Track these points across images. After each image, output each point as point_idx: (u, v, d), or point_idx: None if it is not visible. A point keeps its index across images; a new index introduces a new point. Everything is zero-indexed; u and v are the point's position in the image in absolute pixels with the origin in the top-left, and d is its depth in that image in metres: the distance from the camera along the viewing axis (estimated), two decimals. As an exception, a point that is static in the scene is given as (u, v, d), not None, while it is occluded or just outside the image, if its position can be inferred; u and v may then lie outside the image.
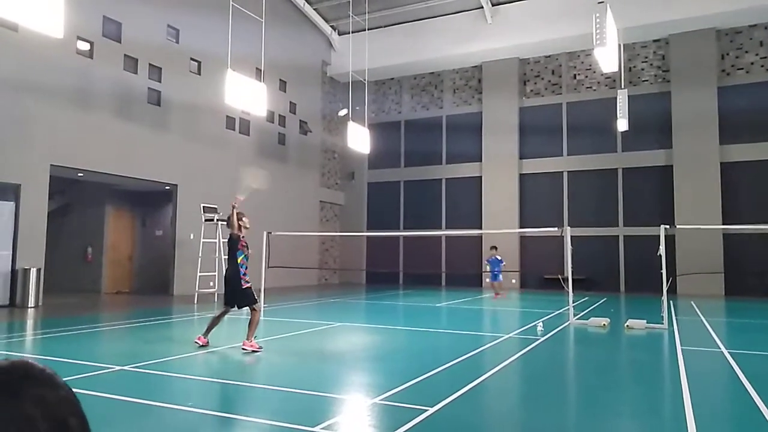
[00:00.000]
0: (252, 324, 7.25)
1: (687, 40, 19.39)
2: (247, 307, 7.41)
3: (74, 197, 17.72)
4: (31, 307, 12.50)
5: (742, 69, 19.11)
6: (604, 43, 9.25)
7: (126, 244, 18.37)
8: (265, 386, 5.61)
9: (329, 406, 4.88)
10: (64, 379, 0.67)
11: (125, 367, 6.19)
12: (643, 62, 20.56)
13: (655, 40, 20.36)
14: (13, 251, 12.75)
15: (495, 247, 16.85)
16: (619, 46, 14.56)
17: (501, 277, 16.61)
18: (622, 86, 18.91)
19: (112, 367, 6.23)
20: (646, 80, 20.46)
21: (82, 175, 15.06)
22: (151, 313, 11.83)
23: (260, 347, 7.26)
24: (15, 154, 12.70)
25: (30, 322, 10.50)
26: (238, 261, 7.37)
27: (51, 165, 13.38)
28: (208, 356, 7.10)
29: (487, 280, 16.38)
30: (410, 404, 4.72)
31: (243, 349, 7.15)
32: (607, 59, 10.08)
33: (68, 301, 14.32)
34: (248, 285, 7.39)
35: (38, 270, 12.92)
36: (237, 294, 7.33)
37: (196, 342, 7.45)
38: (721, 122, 18.77)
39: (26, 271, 12.70)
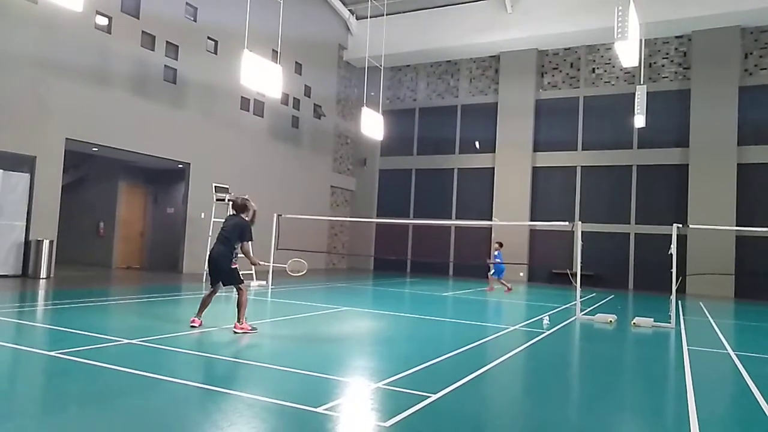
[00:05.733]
0: (241, 305, 7.22)
1: (710, 38, 19.05)
2: (234, 288, 7.39)
3: (88, 172, 17.89)
4: (42, 278, 12.68)
5: (765, 69, 18.75)
6: (625, 37, 9.10)
7: (138, 220, 18.54)
8: (269, 365, 5.66)
9: (332, 388, 4.92)
10: (73, 349, 0.68)
11: (133, 341, 6.27)
12: (663, 58, 20.25)
13: (677, 36, 20.03)
14: (27, 223, 12.92)
15: (501, 243, 16.35)
16: (641, 40, 14.32)
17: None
18: (641, 82, 18.63)
19: (121, 340, 6.31)
20: (666, 77, 20.16)
21: (96, 149, 15.17)
22: (160, 290, 11.96)
23: (253, 328, 7.23)
24: (31, 126, 12.82)
25: (41, 293, 10.65)
26: (236, 246, 7.30)
27: (66, 138, 13.49)
28: (215, 334, 7.17)
29: (493, 275, 16.07)
30: (413, 390, 4.75)
31: (234, 332, 7.09)
32: (628, 54, 9.93)
33: (79, 274, 14.50)
34: (236, 266, 7.35)
35: (51, 242, 13.09)
36: (224, 273, 7.30)
37: (192, 324, 7.34)
38: (741, 123, 18.49)
39: (39, 243, 12.87)
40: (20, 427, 3.61)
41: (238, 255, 7.40)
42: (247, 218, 7.47)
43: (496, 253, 16.11)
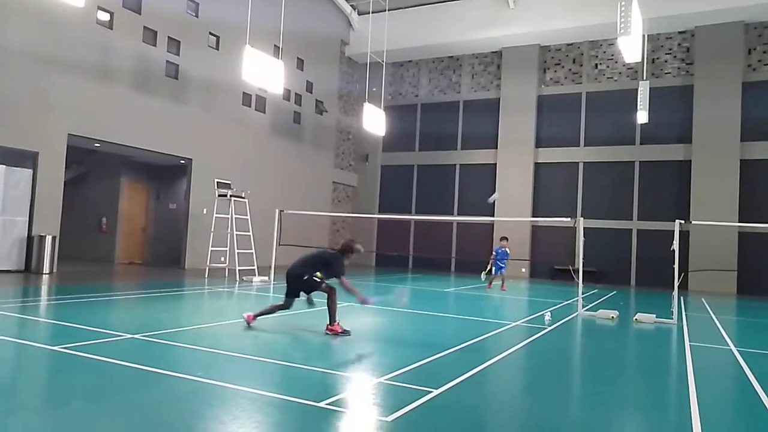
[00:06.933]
0: (330, 308, 7.11)
1: (713, 33, 18.97)
2: (320, 293, 7.22)
3: (91, 167, 17.90)
4: (45, 274, 12.71)
5: (769, 65, 18.67)
6: (628, 33, 9.05)
7: (140, 215, 18.57)
8: (272, 360, 5.67)
9: (335, 382, 4.93)
10: (75, 344, 0.68)
11: (135, 336, 6.29)
12: (666, 54, 20.17)
13: (680, 32, 19.95)
14: (29, 218, 12.95)
15: (506, 238, 15.82)
16: (644, 36, 14.28)
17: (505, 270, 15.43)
18: (644, 78, 18.59)
19: (123, 335, 6.33)
20: (669, 72, 20.09)
21: (98, 145, 15.18)
22: (162, 285, 11.98)
23: (345, 331, 7.04)
24: (34, 122, 12.83)
25: (44, 288, 10.69)
26: (315, 273, 7.13)
27: (69, 134, 13.50)
28: (216, 329, 7.19)
29: (496, 272, 15.23)
30: (415, 385, 4.75)
31: (326, 332, 7.04)
32: (631, 49, 9.87)
33: (82, 269, 14.54)
34: (307, 276, 7.18)
35: (53, 237, 13.11)
36: (303, 284, 7.20)
37: (245, 316, 7.27)
38: (744, 118, 18.42)
39: (42, 238, 12.90)
40: (24, 422, 3.62)
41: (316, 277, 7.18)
42: (345, 260, 7.35)
43: (507, 250, 15.25)
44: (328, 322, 7.15)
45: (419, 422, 3.95)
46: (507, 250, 15.37)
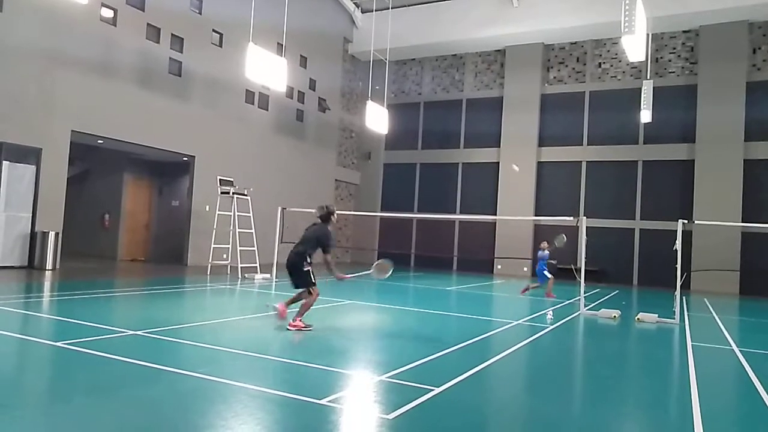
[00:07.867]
0: (304, 305, 7.17)
1: (717, 32, 18.90)
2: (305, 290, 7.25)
3: (93, 164, 17.93)
4: (48, 270, 12.74)
5: (773, 64, 18.60)
6: (632, 32, 9.03)
7: (143, 212, 18.60)
8: (274, 357, 5.68)
9: (336, 380, 4.94)
10: (78, 340, 0.68)
11: (138, 332, 6.30)
12: (671, 53, 20.12)
13: (684, 31, 19.88)
14: (32, 214, 12.97)
15: (546, 242, 14.07)
16: (648, 35, 14.24)
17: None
18: (648, 77, 18.55)
19: (126, 331, 6.34)
20: (673, 72, 20.03)
21: (101, 142, 15.20)
22: (164, 282, 12.01)
23: (307, 326, 7.09)
24: (37, 118, 12.86)
25: (47, 284, 10.72)
26: (309, 252, 7.18)
27: (72, 131, 13.52)
28: (218, 326, 7.21)
29: (550, 275, 13.52)
30: (416, 383, 4.76)
31: (288, 328, 7.01)
32: (635, 48, 9.85)
33: (85, 265, 14.57)
34: (308, 269, 7.19)
35: (56, 234, 13.14)
36: (296, 276, 7.22)
37: (274, 306, 7.29)
38: (748, 118, 18.37)
39: (45, 234, 12.93)
40: (26, 417, 3.64)
41: (312, 259, 7.25)
42: (329, 227, 7.38)
43: (546, 253, 13.69)
44: (293, 319, 7.09)
45: (421, 420, 3.95)
46: (546, 252, 13.66)
